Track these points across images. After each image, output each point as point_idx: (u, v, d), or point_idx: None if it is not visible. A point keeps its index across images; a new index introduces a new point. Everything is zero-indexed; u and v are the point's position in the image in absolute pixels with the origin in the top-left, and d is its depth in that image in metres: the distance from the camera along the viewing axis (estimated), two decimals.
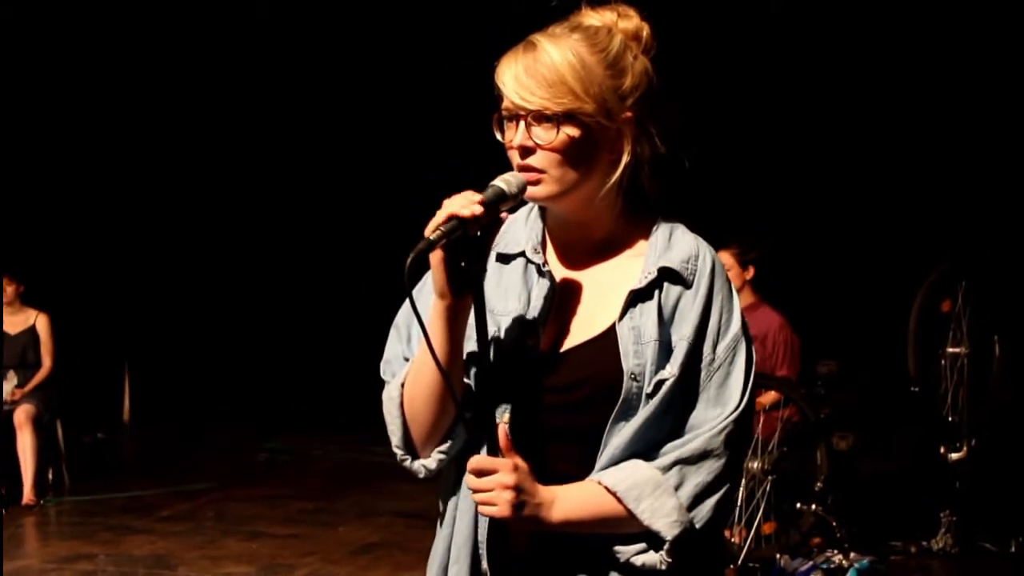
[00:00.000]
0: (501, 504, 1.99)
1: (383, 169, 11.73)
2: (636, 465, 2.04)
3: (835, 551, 6.33)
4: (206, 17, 11.12)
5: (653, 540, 2.05)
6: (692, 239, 2.14)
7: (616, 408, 2.04)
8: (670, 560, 2.04)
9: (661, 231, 2.14)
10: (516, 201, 2.07)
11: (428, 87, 10.71)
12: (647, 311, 2.06)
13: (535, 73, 2.01)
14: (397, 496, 8.56)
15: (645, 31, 2.13)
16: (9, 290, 9.06)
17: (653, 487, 2.02)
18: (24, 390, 8.99)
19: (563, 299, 2.12)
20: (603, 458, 2.06)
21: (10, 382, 9.01)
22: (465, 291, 2.03)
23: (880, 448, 7.24)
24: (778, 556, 6.28)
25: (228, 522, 8.00)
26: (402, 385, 2.14)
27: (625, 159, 2.08)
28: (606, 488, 2.03)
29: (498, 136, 2.10)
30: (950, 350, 7.23)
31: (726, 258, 7.04)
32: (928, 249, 8.16)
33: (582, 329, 2.11)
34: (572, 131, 2.02)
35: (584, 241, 2.16)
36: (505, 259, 2.16)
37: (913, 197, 8.94)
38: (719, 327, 2.10)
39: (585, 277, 2.15)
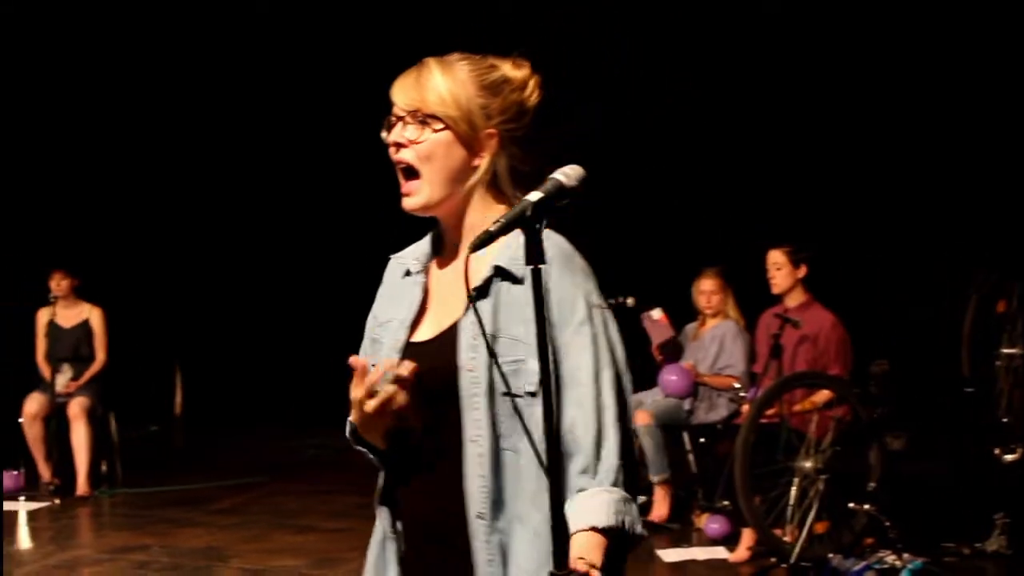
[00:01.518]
0: None
1: None
2: (597, 498, 2.23)
3: (888, 551, 6.27)
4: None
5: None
6: None
7: (462, 397, 2.27)
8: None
9: (516, 231, 2.26)
10: (575, 194, 2.18)
11: None
12: (485, 307, 2.30)
13: (416, 83, 2.37)
14: None
15: (532, 80, 2.44)
16: (64, 284, 9.15)
17: (623, 502, 2.24)
18: (78, 383, 9.09)
19: (435, 298, 2.44)
20: (528, 458, 2.25)
21: (64, 375, 9.11)
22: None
23: (933, 449, 7.16)
24: (830, 556, 6.24)
25: (279, 515, 8.04)
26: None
27: (484, 166, 2.39)
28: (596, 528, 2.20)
29: (383, 136, 2.41)
30: (1005, 351, 7.13)
31: (778, 256, 7.01)
32: (982, 249, 8.08)
33: (438, 323, 2.39)
34: (437, 128, 2.35)
35: (458, 244, 2.44)
36: (407, 273, 2.50)
37: (969, 196, 8.85)
38: (564, 312, 2.29)
39: (455, 277, 2.38)
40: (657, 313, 7.71)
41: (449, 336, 2.33)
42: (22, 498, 8.71)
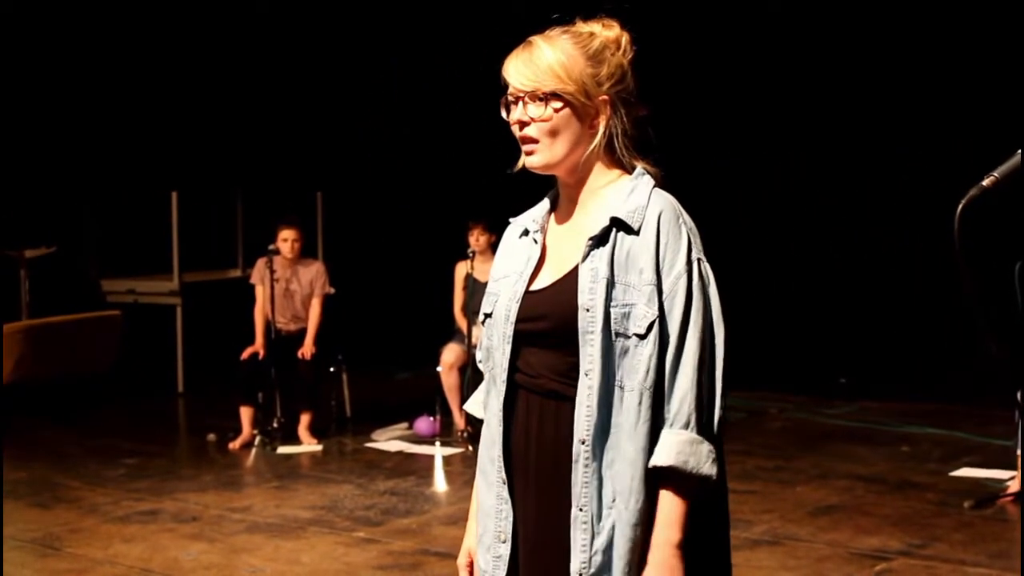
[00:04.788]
0: None
1: None
2: (665, 439, 2.51)
3: None
4: None
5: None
6: (647, 192, 2.62)
7: (580, 334, 2.54)
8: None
9: (626, 186, 2.64)
10: None
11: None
12: (603, 254, 2.57)
13: (530, 63, 2.61)
14: (855, 459, 8.35)
15: (624, 38, 2.68)
16: (483, 240, 9.43)
17: (688, 443, 2.51)
18: None
19: (552, 252, 2.70)
20: (631, 395, 2.52)
21: (479, 327, 9.41)
22: None
23: None
24: None
25: None
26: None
27: (602, 130, 2.64)
28: (657, 466, 2.50)
29: (504, 115, 2.67)
30: None
31: None
32: None
33: (557, 271, 2.66)
34: (558, 106, 2.60)
35: (574, 201, 2.70)
36: (525, 233, 2.78)
37: None
38: (667, 264, 2.54)
39: (572, 231, 2.68)
40: None
41: (569, 280, 2.60)
42: (438, 443, 9.13)
